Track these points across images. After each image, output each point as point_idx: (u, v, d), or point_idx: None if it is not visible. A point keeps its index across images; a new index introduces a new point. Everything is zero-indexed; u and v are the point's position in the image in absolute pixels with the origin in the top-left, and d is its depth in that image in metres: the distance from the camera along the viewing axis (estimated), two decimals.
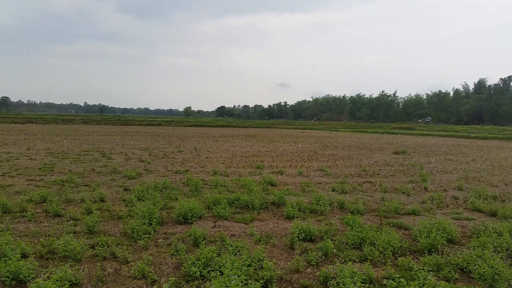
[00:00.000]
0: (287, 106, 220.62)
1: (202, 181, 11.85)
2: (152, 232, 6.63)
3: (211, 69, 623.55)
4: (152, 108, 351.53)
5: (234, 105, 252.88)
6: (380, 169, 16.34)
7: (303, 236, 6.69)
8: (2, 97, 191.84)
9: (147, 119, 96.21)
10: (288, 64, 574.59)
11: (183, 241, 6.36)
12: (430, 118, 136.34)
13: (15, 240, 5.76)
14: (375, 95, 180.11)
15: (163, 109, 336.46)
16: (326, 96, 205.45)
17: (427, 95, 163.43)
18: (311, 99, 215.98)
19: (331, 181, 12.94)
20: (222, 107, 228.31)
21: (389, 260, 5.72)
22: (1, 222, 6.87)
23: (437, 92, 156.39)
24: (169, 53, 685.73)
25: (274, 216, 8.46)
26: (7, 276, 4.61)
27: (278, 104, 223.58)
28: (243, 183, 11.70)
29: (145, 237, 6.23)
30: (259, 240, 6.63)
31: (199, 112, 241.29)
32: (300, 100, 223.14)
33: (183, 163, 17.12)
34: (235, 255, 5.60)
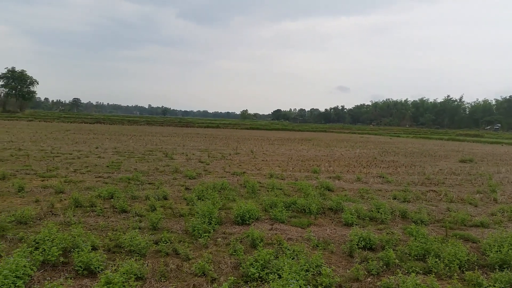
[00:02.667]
0: (345, 110, 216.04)
1: (259, 184, 11.94)
2: (212, 231, 6.78)
3: (267, 73, 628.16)
4: (210, 110, 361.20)
5: (290, 109, 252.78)
6: (445, 178, 15.45)
7: (362, 244, 6.49)
8: (73, 98, 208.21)
9: (206, 122, 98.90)
10: (346, 67, 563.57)
11: (241, 241, 6.43)
12: (499, 125, 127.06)
13: (86, 233, 6.15)
14: (439, 99, 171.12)
15: (221, 112, 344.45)
16: (386, 100, 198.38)
17: (497, 100, 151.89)
18: (370, 103, 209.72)
19: (392, 189, 12.45)
20: (278, 111, 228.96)
21: (455, 274, 5.37)
22: (74, 216, 7.36)
23: (507, 97, 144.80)
24: (227, 57, 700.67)
25: (332, 222, 8.30)
26: (80, 266, 4.94)
27: (335, 108, 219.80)
28: (300, 187, 11.63)
29: (205, 236, 6.40)
30: (317, 246, 6.53)
31: (255, 115, 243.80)
32: (358, 104, 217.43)
33: (240, 165, 17.37)
34: (293, 259, 5.56)
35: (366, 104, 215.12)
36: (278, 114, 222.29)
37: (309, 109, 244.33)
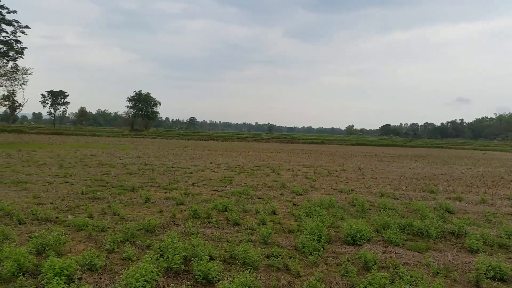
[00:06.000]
0: (464, 124, 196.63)
1: (369, 202, 11.46)
2: (321, 249, 6.68)
3: (374, 86, 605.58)
4: (315, 126, 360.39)
5: (400, 123, 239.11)
6: None
7: (491, 274, 5.76)
8: (190, 117, 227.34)
9: (310, 138, 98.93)
10: (467, 76, 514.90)
11: (353, 262, 6.22)
12: None
13: (204, 243, 6.57)
14: None
15: (325, 128, 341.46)
16: None
17: None
18: (493, 116, 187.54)
19: None
20: (387, 125, 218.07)
21: None
22: (193, 226, 7.93)
23: None
24: (331, 73, 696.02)
25: (453, 248, 7.53)
26: (199, 275, 5.28)
27: (453, 122, 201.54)
28: (415, 207, 10.84)
29: (315, 254, 6.33)
30: (437, 272, 5.98)
31: (362, 130, 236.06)
32: (480, 117, 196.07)
33: (347, 182, 16.92)
34: (411, 285, 5.18)
35: (489, 117, 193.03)
36: (387, 129, 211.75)
37: (422, 123, 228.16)
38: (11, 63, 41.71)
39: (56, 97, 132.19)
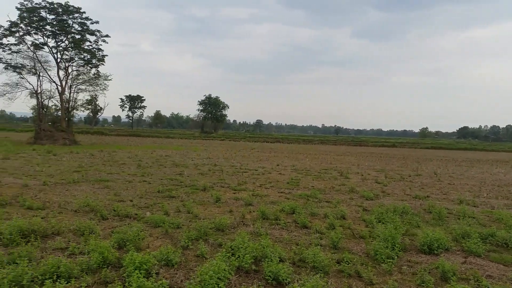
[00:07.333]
0: None
1: (446, 210, 10.77)
2: (395, 257, 6.41)
3: (451, 86, 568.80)
4: (385, 129, 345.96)
5: (480, 125, 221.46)
6: None
7: None
8: (256, 120, 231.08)
9: (380, 140, 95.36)
10: None
11: (429, 272, 5.89)
12: None
13: (273, 244, 6.63)
14: None
15: (396, 130, 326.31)
16: None
17: None
18: None
19: None
20: (465, 128, 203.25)
21: None
22: (262, 227, 8.04)
23: None
24: (402, 73, 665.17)
25: None
26: (269, 276, 5.33)
27: None
28: (498, 216, 10.02)
29: (389, 261, 6.09)
30: None
31: (437, 133, 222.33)
32: None
33: (422, 187, 16.07)
34: None
35: None
36: (464, 132, 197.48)
37: (504, 126, 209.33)
38: (93, 70, 45.38)
39: (134, 101, 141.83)
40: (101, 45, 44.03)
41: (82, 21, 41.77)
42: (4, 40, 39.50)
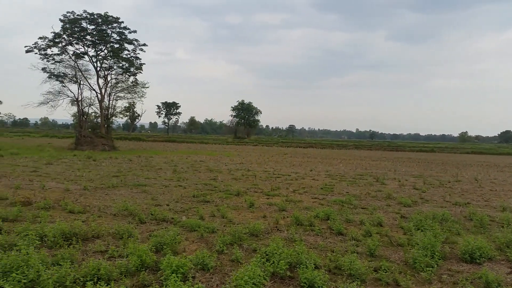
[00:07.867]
0: None
1: (488, 217, 10.30)
2: (435, 266, 6.18)
3: (491, 89, 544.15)
4: (422, 133, 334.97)
5: None
6: None
7: None
8: (289, 125, 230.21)
9: (418, 145, 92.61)
10: None
11: (472, 282, 5.63)
12: None
13: (308, 250, 6.56)
14: None
15: (434, 135, 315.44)
16: None
17: None
18: None
19: None
20: (507, 132, 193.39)
21: None
22: (296, 233, 7.97)
23: None
24: (440, 76, 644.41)
25: None
26: (305, 283, 5.26)
27: None
28: None
29: (428, 270, 5.88)
30: None
31: (477, 137, 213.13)
32: None
33: (462, 194, 15.45)
34: None
35: None
36: (507, 136, 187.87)
37: None
38: (132, 78, 46.97)
39: (170, 107, 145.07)
40: (138, 53, 45.47)
41: (120, 30, 43.38)
42: (48, 51, 41.60)
